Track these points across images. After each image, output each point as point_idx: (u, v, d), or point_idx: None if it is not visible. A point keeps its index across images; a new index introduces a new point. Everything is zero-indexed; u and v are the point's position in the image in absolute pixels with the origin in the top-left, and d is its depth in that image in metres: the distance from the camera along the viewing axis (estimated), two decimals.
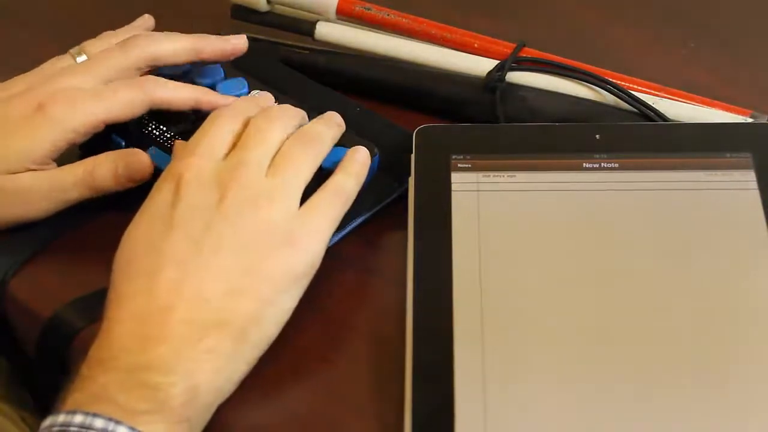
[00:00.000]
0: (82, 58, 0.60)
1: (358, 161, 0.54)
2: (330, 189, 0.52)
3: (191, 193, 0.50)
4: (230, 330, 0.48)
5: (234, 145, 0.52)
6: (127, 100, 0.57)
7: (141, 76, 0.60)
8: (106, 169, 0.57)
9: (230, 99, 0.60)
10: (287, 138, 0.53)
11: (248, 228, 0.49)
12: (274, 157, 0.52)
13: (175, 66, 0.61)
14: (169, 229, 0.49)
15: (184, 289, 0.47)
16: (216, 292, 0.48)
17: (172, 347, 0.46)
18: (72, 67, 0.59)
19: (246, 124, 0.53)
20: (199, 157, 0.51)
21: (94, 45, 0.61)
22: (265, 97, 0.58)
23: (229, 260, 0.48)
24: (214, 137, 0.52)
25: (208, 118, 0.54)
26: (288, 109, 0.56)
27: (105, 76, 0.58)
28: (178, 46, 0.60)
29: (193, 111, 0.60)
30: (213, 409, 0.48)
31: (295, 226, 0.50)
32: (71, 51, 0.61)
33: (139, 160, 0.57)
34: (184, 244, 0.48)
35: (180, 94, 0.58)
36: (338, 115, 0.57)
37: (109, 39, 0.62)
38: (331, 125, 0.55)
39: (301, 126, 0.55)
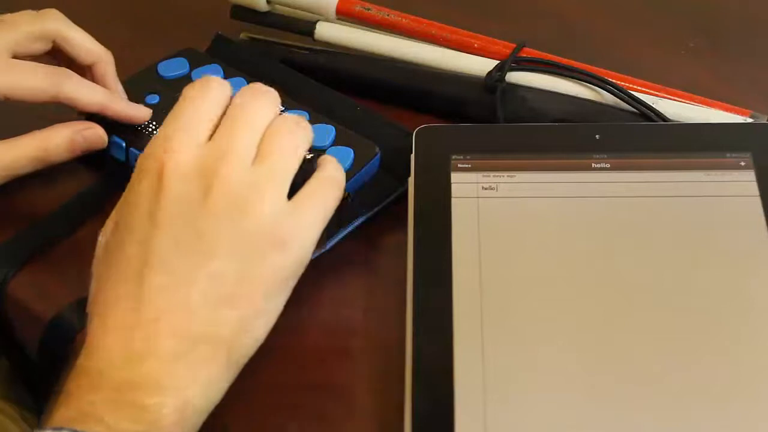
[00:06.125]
0: None
1: (334, 162, 0.52)
2: (321, 179, 0.50)
3: (174, 187, 0.47)
4: (220, 341, 0.46)
5: (215, 124, 0.49)
6: (33, 86, 0.57)
7: (52, 49, 0.60)
8: (61, 145, 0.57)
9: (140, 109, 0.59)
10: (273, 118, 0.50)
11: (237, 229, 0.46)
12: (260, 141, 0.49)
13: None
14: (153, 228, 0.46)
15: (172, 298, 0.45)
16: (205, 302, 0.46)
17: (161, 362, 0.45)
18: None
19: (224, 96, 0.50)
20: (179, 143, 0.48)
21: (10, 15, 0.60)
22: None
23: (218, 267, 0.46)
24: (193, 116, 0.49)
25: (181, 96, 0.50)
26: (268, 89, 0.52)
27: (13, 41, 0.58)
28: (86, 39, 0.60)
29: None
30: (203, 419, 0.46)
31: (285, 221, 0.47)
32: None
33: (96, 133, 0.58)
34: (171, 245, 0.46)
35: (87, 96, 0.58)
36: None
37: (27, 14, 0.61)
38: (300, 122, 0.51)
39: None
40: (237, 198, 0.47)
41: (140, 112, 0.59)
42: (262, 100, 0.50)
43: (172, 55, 0.64)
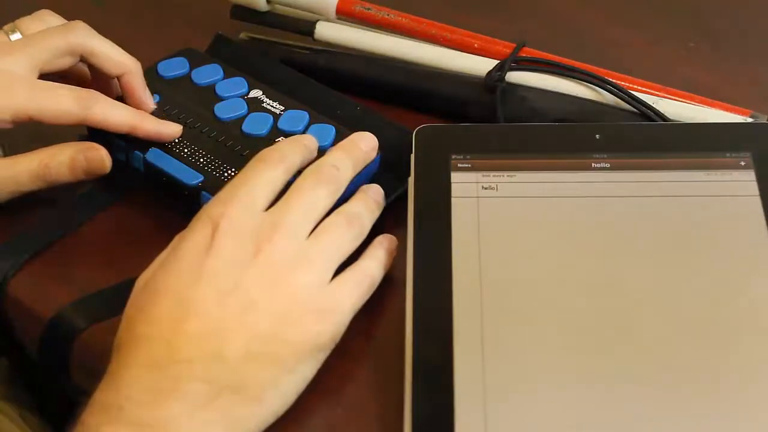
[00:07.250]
0: (16, 36, 0.59)
1: (386, 248, 0.53)
2: (358, 271, 0.51)
3: (226, 245, 0.48)
4: (245, 394, 0.46)
5: (276, 196, 0.50)
6: (61, 109, 0.56)
7: (78, 65, 0.59)
8: (63, 163, 0.57)
9: (170, 126, 0.58)
10: (333, 204, 0.51)
11: (280, 291, 0.48)
12: (316, 224, 0.50)
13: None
14: (198, 279, 0.47)
15: (204, 344, 0.46)
16: (237, 352, 0.46)
17: (184, 406, 0.45)
18: (5, 46, 0.58)
19: (288, 172, 0.52)
20: (239, 206, 0.49)
21: (29, 24, 0.60)
22: (310, 140, 0.55)
23: (255, 322, 0.47)
24: (255, 186, 0.50)
25: (249, 163, 0.51)
26: (340, 167, 0.53)
27: (40, 58, 0.57)
28: (114, 51, 0.59)
29: (194, 114, 0.60)
30: None
31: (325, 297, 0.49)
32: (4, 27, 0.59)
33: (99, 155, 0.57)
34: (212, 297, 0.47)
35: (116, 118, 0.57)
36: (380, 191, 0.55)
37: (45, 18, 0.61)
38: (370, 206, 0.54)
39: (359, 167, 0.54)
40: (284, 264, 0.48)
41: (170, 129, 0.59)
42: (324, 188, 0.51)
43: (172, 55, 0.65)
